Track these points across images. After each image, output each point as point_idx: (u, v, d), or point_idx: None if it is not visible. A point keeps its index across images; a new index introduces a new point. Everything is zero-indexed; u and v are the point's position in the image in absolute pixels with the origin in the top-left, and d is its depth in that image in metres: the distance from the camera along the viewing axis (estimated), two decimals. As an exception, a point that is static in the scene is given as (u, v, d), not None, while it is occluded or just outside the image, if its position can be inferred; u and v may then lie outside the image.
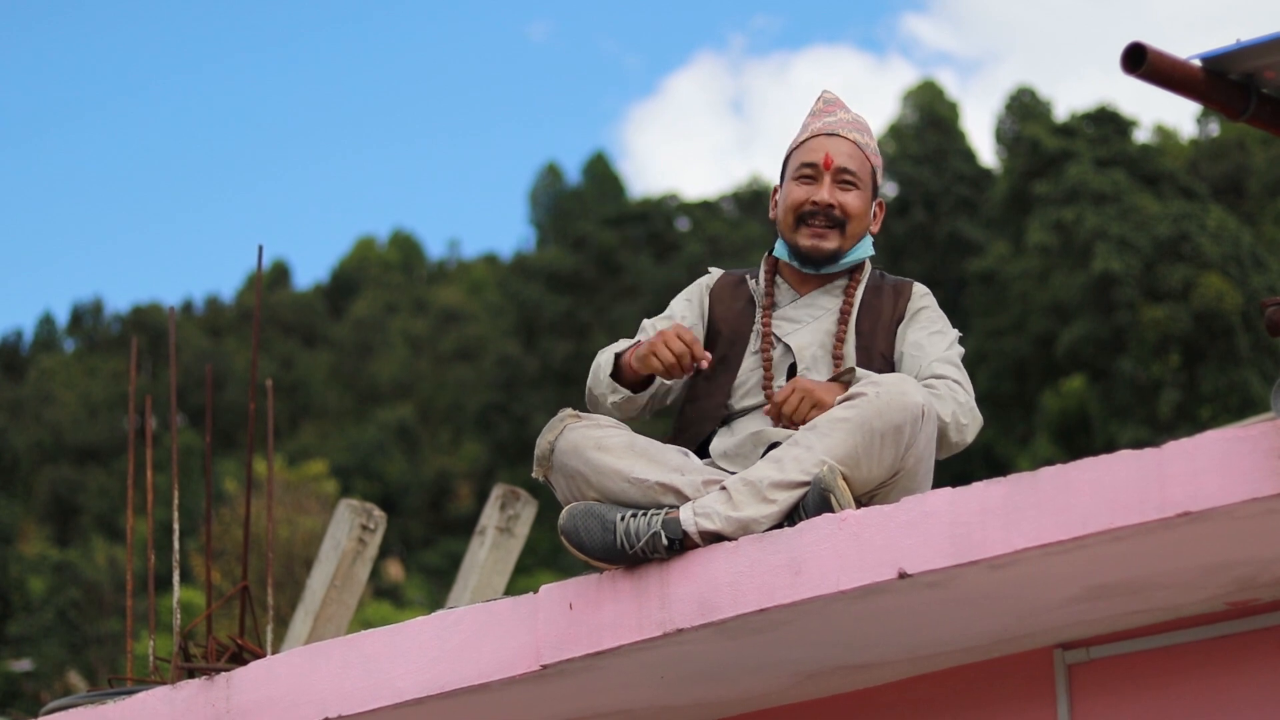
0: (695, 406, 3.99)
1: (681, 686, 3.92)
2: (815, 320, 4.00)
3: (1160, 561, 3.23)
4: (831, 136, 4.02)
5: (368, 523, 6.41)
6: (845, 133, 4.03)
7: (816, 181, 3.99)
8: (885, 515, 3.36)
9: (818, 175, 3.99)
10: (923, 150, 44.54)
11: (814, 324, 3.99)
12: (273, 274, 57.69)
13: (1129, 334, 35.33)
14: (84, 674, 31.01)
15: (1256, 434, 2.98)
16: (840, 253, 4.00)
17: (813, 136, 4.03)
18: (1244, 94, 3.31)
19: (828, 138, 4.02)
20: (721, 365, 3.98)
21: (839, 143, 4.01)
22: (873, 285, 4.06)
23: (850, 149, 4.02)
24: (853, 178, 4.00)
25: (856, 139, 4.03)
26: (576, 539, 3.69)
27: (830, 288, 4.05)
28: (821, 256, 4.00)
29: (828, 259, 4.00)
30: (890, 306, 4.02)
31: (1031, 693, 3.68)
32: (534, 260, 50.28)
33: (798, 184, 4.01)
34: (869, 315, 4.01)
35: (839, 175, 3.99)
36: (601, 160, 56.90)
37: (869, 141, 4.07)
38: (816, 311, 4.01)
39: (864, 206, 4.02)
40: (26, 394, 49.59)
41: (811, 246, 3.99)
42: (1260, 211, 39.16)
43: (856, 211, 4.00)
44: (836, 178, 3.99)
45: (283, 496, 25.85)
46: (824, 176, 3.99)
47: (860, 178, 4.01)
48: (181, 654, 4.64)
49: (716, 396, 3.96)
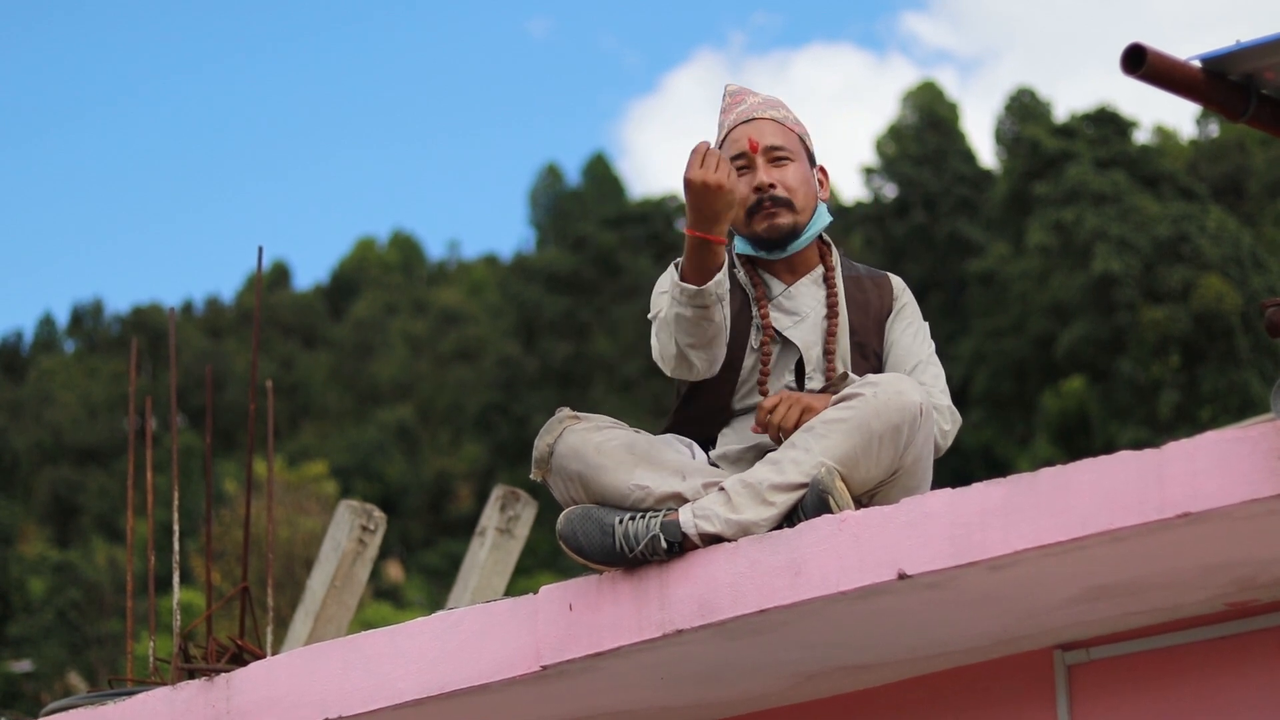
0: (697, 404, 3.96)
1: (681, 687, 3.92)
2: (811, 313, 3.99)
3: (1160, 562, 3.24)
4: (748, 123, 4.01)
5: (368, 523, 6.41)
6: (760, 114, 4.02)
7: (751, 169, 3.98)
8: (885, 516, 3.36)
9: (750, 163, 3.98)
10: (922, 151, 44.54)
11: (810, 317, 3.98)
12: (273, 274, 57.71)
13: (1129, 335, 35.35)
14: (84, 675, 31.03)
15: (1256, 435, 2.98)
16: (799, 226, 3.97)
17: (730, 130, 4.03)
18: (1244, 95, 3.30)
19: (745, 125, 4.01)
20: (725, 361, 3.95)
21: (757, 125, 4.00)
22: (851, 276, 4.04)
23: (771, 126, 4.00)
24: (783, 152, 3.98)
25: (774, 115, 4.02)
26: (575, 544, 3.69)
27: (814, 275, 4.03)
28: (781, 235, 3.96)
29: (788, 235, 3.97)
30: (877, 301, 4.01)
31: (1031, 693, 3.68)
32: (534, 261, 50.31)
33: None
34: (858, 311, 3.99)
35: (769, 154, 3.97)
36: (601, 161, 56.93)
37: (787, 114, 4.05)
38: (809, 303, 4.00)
39: (803, 175, 3.99)
40: (26, 394, 49.61)
41: (768, 227, 3.95)
42: (1260, 212, 39.17)
43: (796, 182, 3.97)
44: (767, 157, 3.97)
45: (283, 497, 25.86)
46: (755, 160, 3.98)
47: (790, 149, 3.99)
48: (181, 655, 4.64)
49: (719, 395, 3.94)
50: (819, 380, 3.90)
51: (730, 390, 3.94)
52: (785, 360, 3.94)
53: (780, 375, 3.94)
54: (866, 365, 3.94)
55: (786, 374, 3.93)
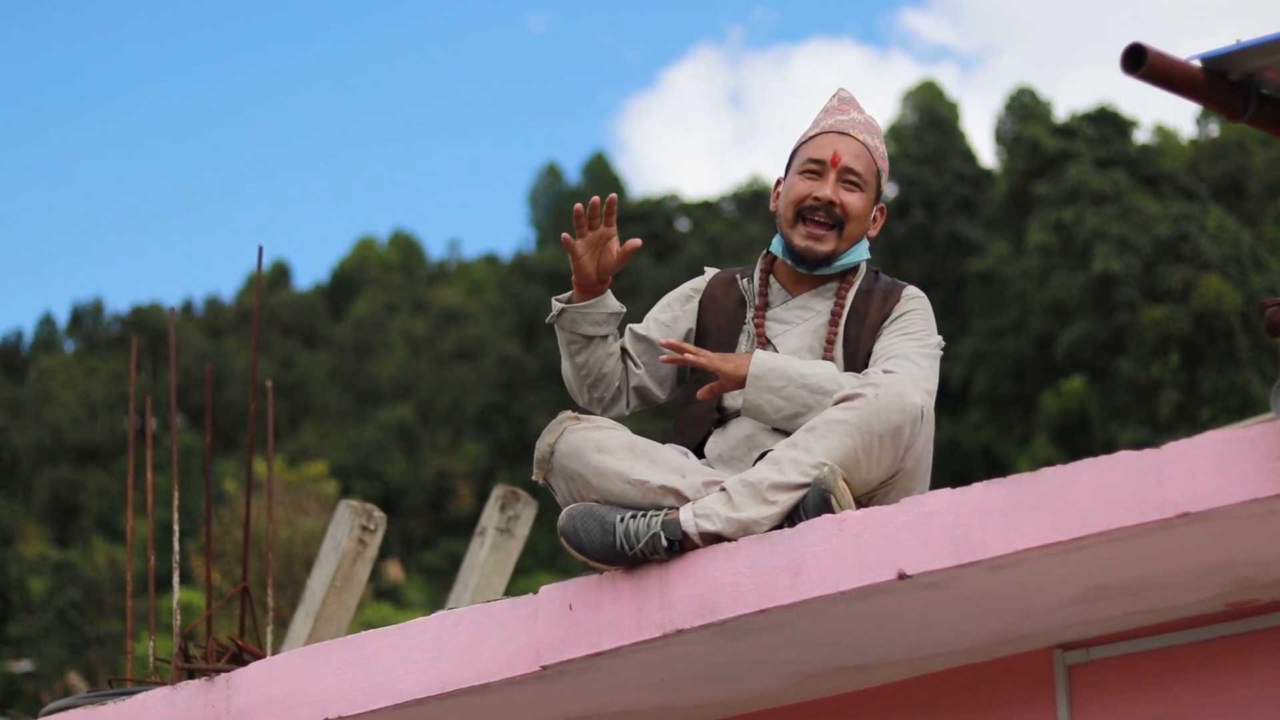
0: (689, 409, 3.99)
1: (681, 687, 3.92)
2: (805, 321, 3.99)
3: (1160, 562, 3.24)
4: (842, 135, 3.99)
5: (368, 523, 6.41)
6: (856, 133, 4.00)
7: (821, 178, 3.97)
8: (885, 516, 3.36)
9: (823, 172, 3.97)
10: (922, 150, 44.54)
11: (803, 325, 3.98)
12: (273, 274, 57.69)
13: (1129, 334, 35.34)
14: (84, 674, 31.02)
15: (1256, 434, 2.98)
16: (835, 255, 3.98)
17: (823, 133, 4.01)
18: (1244, 94, 3.30)
19: (838, 136, 4.00)
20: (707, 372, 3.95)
21: (848, 142, 3.99)
22: (864, 289, 4.03)
23: (859, 149, 3.99)
24: (857, 179, 3.98)
25: (866, 140, 4.01)
26: (576, 541, 3.69)
27: (823, 289, 4.03)
28: (815, 258, 3.98)
29: (822, 261, 3.99)
30: (877, 310, 3.99)
31: (1031, 693, 3.68)
32: (534, 260, 50.30)
33: (802, 178, 4.00)
34: (855, 321, 3.98)
35: (844, 174, 3.97)
36: (601, 160, 56.92)
37: (878, 145, 4.04)
38: (808, 313, 4.00)
39: (865, 209, 4.00)
40: (26, 394, 49.60)
41: (806, 248, 3.97)
42: (1260, 212, 39.17)
43: (857, 213, 3.98)
44: (842, 176, 3.97)
45: (283, 497, 25.86)
46: (829, 174, 3.97)
47: (865, 179, 3.99)
48: (181, 655, 4.64)
49: (706, 402, 3.95)
50: None
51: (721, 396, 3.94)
52: None
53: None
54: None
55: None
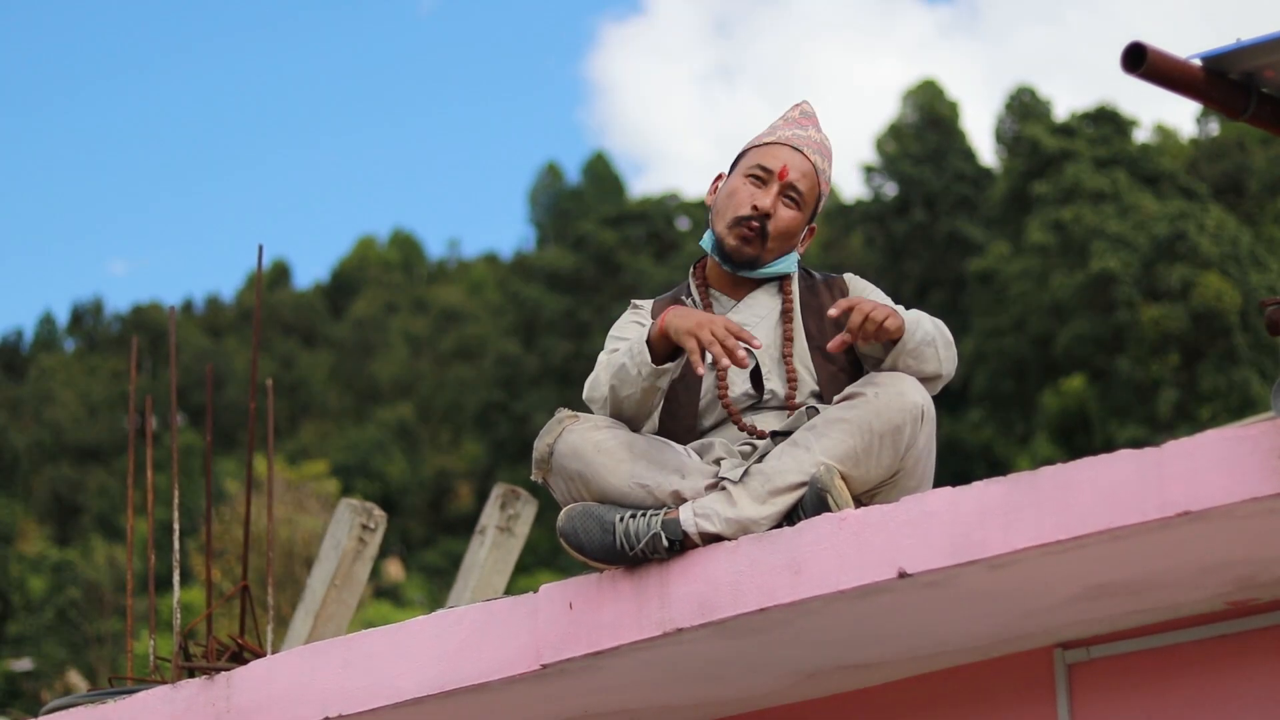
0: (663, 429, 3.95)
1: (681, 686, 3.92)
2: (760, 320, 3.99)
3: (1160, 561, 3.24)
4: (795, 151, 4.02)
5: (368, 522, 6.41)
6: (809, 152, 4.03)
7: (765, 186, 4.00)
8: (885, 515, 3.36)
9: (769, 181, 3.99)
10: (923, 150, 44.53)
11: (758, 326, 3.98)
12: (273, 274, 57.69)
13: (1128, 333, 35.33)
14: (84, 674, 31.03)
15: (1256, 434, 2.98)
16: (759, 262, 4.00)
17: (777, 143, 4.04)
18: (1244, 94, 3.31)
19: (791, 150, 4.02)
20: (681, 384, 3.95)
21: (799, 159, 4.01)
22: (807, 285, 4.06)
23: (807, 169, 4.01)
24: (798, 196, 4.00)
25: (816, 162, 4.03)
26: (575, 541, 3.69)
27: (765, 289, 4.05)
28: (742, 260, 4.00)
29: (747, 264, 4.00)
30: (830, 302, 3.99)
31: (1031, 693, 3.68)
32: (534, 260, 50.30)
33: (746, 181, 4.01)
34: (813, 315, 4.00)
35: (787, 189, 3.99)
36: (601, 159, 56.96)
37: (826, 169, 4.06)
38: (757, 316, 4.00)
39: (796, 227, 4.01)
40: (26, 394, 49.60)
41: (735, 249, 3.99)
42: (1260, 211, 39.15)
43: (787, 230, 3.99)
44: (784, 190, 3.99)
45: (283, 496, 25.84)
46: (773, 184, 3.99)
47: (805, 199, 4.01)
48: (182, 654, 4.64)
49: (683, 419, 3.93)
50: (777, 384, 3.90)
51: (694, 413, 3.94)
52: (740, 371, 3.93)
53: (743, 383, 3.92)
54: (832, 368, 3.93)
55: (743, 382, 3.92)
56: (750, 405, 3.90)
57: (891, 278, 41.73)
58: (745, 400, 3.90)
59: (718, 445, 3.83)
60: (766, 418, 3.88)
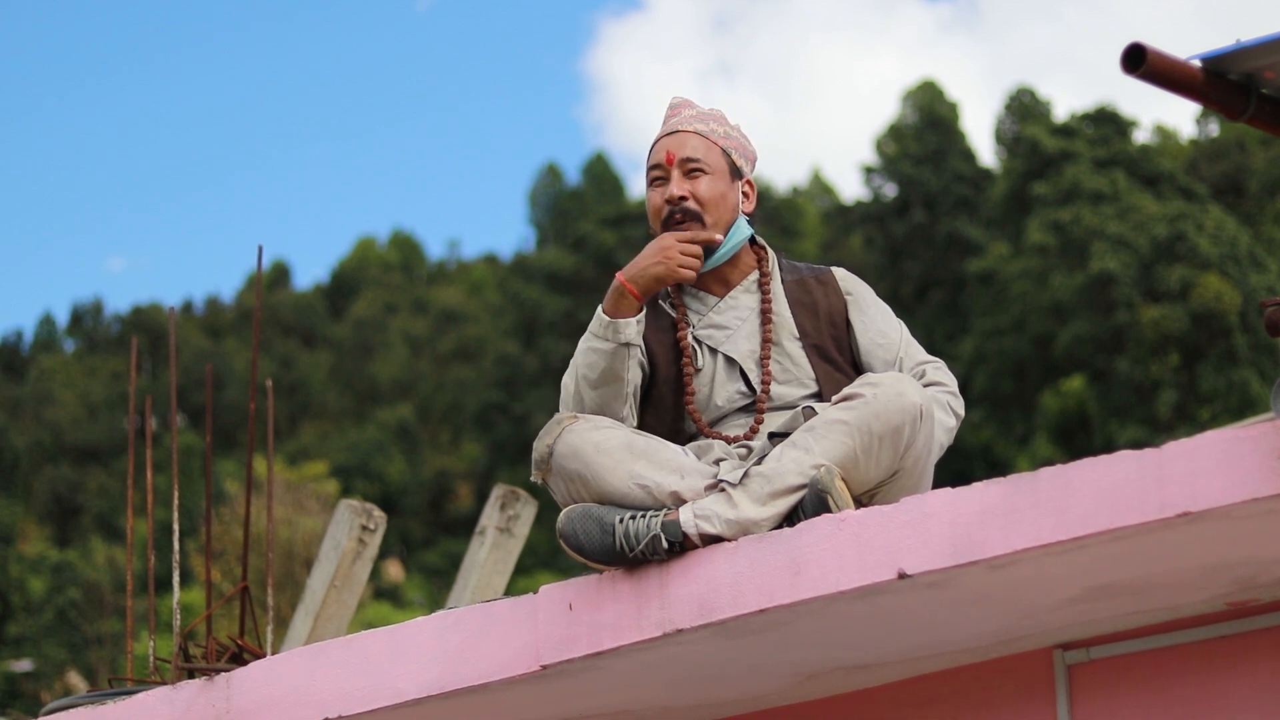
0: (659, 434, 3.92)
1: (681, 687, 3.92)
2: (744, 322, 3.97)
3: (1160, 561, 3.23)
4: (672, 135, 4.03)
5: (368, 523, 6.41)
6: (686, 127, 4.03)
7: (666, 180, 4.00)
8: (885, 515, 3.36)
9: (666, 174, 4.00)
10: (922, 150, 44.54)
11: (744, 327, 3.97)
12: (273, 274, 57.73)
13: (1128, 334, 35.34)
14: (84, 674, 31.04)
15: (1256, 434, 2.98)
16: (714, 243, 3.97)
17: (655, 142, 4.06)
18: (1244, 94, 3.30)
19: (669, 137, 4.03)
20: (666, 387, 3.95)
21: (680, 138, 4.01)
22: (793, 279, 4.04)
23: (694, 140, 4.01)
24: (698, 164, 3.98)
25: (700, 128, 4.03)
26: (575, 542, 3.68)
27: (747, 283, 4.03)
28: None
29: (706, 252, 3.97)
30: (825, 301, 3.99)
31: (1031, 693, 3.68)
32: (534, 260, 50.32)
33: (653, 189, 4.02)
34: (805, 312, 3.98)
35: (684, 166, 3.98)
36: (601, 160, 56.94)
37: (716, 128, 4.05)
38: (740, 315, 3.99)
39: (719, 190, 3.99)
40: (26, 394, 49.61)
41: None
42: (1259, 211, 39.17)
43: (709, 197, 3.97)
44: (683, 169, 3.99)
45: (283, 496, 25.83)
46: (671, 173, 3.99)
47: (709, 163, 3.99)
48: (181, 654, 4.64)
49: (672, 420, 3.92)
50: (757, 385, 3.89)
51: (681, 415, 3.93)
52: (730, 373, 3.93)
53: (731, 385, 3.92)
54: (828, 366, 3.93)
55: (732, 385, 3.92)
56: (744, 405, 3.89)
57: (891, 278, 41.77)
58: (740, 399, 3.90)
59: (717, 446, 3.83)
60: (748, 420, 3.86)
